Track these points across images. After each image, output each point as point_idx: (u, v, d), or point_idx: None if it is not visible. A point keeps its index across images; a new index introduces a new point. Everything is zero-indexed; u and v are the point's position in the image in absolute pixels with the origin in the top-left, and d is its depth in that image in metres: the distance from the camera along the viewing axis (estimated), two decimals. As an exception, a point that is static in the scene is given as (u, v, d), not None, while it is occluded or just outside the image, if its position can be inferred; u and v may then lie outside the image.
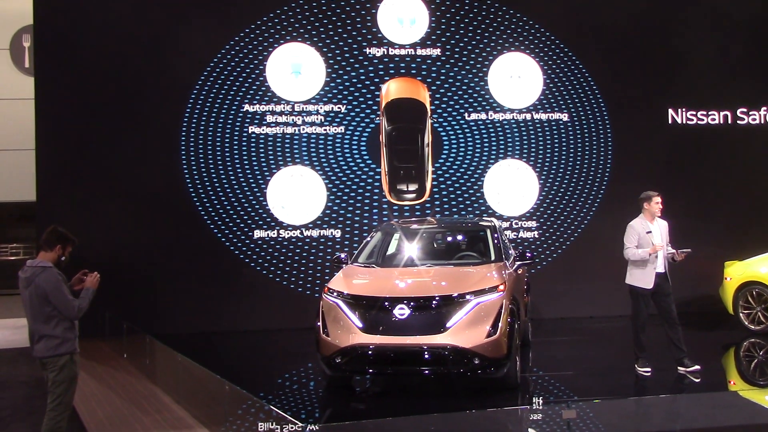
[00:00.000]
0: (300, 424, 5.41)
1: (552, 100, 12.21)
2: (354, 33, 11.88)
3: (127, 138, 11.30)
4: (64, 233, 5.49)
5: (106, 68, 11.34)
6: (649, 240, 7.77)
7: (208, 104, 11.49)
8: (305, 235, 11.59)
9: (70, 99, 11.26)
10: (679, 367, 7.79)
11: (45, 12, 11.32)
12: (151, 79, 11.44)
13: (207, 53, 11.53)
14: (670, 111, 12.49)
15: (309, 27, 11.79)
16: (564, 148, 12.17)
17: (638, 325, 7.94)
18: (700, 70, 12.59)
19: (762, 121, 12.72)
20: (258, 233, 11.47)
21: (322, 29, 11.81)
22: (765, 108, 12.74)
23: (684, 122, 12.53)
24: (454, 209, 11.88)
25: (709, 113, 12.60)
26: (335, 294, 7.21)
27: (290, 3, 11.76)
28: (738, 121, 12.67)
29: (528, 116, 12.14)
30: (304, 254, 11.57)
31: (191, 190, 11.34)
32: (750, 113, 12.71)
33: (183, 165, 11.35)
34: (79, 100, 11.27)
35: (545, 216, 12.06)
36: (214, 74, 11.52)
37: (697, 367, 7.70)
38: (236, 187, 11.46)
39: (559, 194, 12.12)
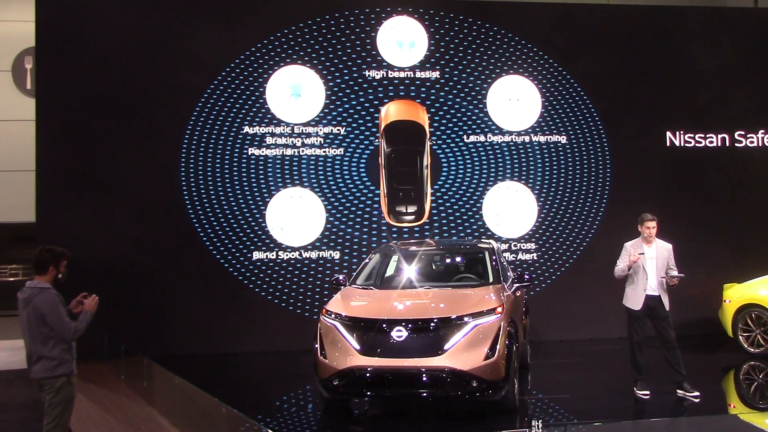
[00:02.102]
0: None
1: (550, 123, 12.27)
2: (354, 56, 11.97)
3: (126, 159, 11.34)
4: (52, 251, 5.46)
5: (106, 90, 11.41)
6: (638, 262, 7.80)
7: (208, 126, 11.54)
8: (304, 256, 11.59)
9: (71, 120, 11.31)
10: (678, 390, 7.76)
11: (47, 34, 11.41)
12: (150, 102, 11.51)
13: (207, 75, 11.61)
14: (668, 133, 12.55)
15: (309, 49, 11.88)
16: (562, 171, 12.22)
17: (632, 345, 7.98)
18: (698, 93, 12.67)
19: (760, 144, 12.77)
20: (257, 255, 11.48)
21: (322, 52, 11.90)
22: (763, 131, 12.80)
23: (682, 144, 12.58)
24: (453, 231, 11.89)
25: (707, 136, 12.65)
26: (333, 316, 7.20)
27: (290, 26, 11.85)
28: (736, 144, 12.72)
29: (526, 138, 12.20)
30: (303, 276, 11.56)
31: (190, 211, 11.37)
32: (748, 136, 12.76)
33: (182, 186, 11.39)
34: (80, 121, 11.32)
35: (544, 238, 12.07)
36: (215, 96, 11.59)
37: (697, 393, 7.66)
38: (235, 208, 11.48)
39: (558, 216, 12.14)
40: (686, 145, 12.59)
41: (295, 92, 11.83)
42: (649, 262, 7.83)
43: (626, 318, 8.06)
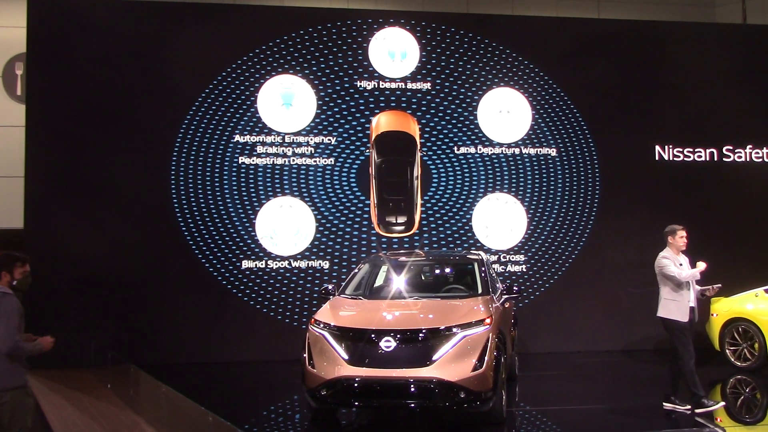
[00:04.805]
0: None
1: (540, 135, 12.33)
2: (345, 66, 12.01)
3: (116, 167, 11.33)
4: (6, 256, 5.29)
5: (97, 97, 11.41)
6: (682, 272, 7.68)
7: (199, 134, 11.55)
8: (293, 266, 11.58)
9: (61, 127, 11.31)
10: (666, 403, 7.75)
11: (38, 40, 11.41)
12: (141, 110, 11.51)
13: (199, 83, 11.62)
14: (657, 147, 12.63)
15: (301, 59, 11.91)
16: (552, 183, 12.27)
17: (689, 361, 7.57)
18: (687, 108, 12.76)
19: (747, 159, 12.87)
20: (246, 263, 11.46)
21: (313, 62, 11.93)
22: (751, 146, 12.90)
23: (671, 159, 12.66)
24: (443, 242, 11.91)
25: (696, 150, 12.74)
26: (321, 325, 7.18)
27: (282, 36, 11.89)
28: (724, 159, 12.82)
29: (516, 151, 12.25)
30: (292, 285, 11.55)
31: (180, 219, 11.35)
32: (736, 151, 12.86)
33: (173, 194, 11.37)
34: (70, 127, 11.32)
35: (533, 250, 12.11)
36: (206, 104, 11.60)
37: (689, 406, 7.65)
38: (225, 217, 11.47)
39: (547, 229, 12.18)
40: (675, 159, 12.68)
41: (287, 102, 11.86)
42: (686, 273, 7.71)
43: (670, 333, 7.70)
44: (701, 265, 7.68)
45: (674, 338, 7.70)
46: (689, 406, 7.63)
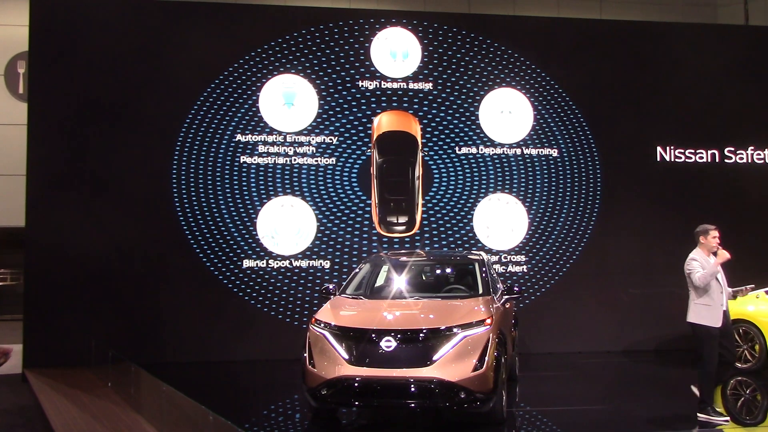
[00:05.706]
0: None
1: (542, 136, 12.33)
2: (347, 66, 12.01)
3: (118, 165, 11.33)
4: None
5: (98, 96, 11.42)
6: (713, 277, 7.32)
7: (201, 133, 11.55)
8: (294, 265, 11.59)
9: (63, 125, 11.32)
10: (699, 414, 7.37)
11: (40, 39, 11.41)
12: (143, 108, 11.51)
13: (201, 82, 11.63)
14: (659, 148, 12.63)
15: (303, 59, 11.92)
16: (553, 184, 12.27)
17: (712, 368, 7.19)
18: (689, 109, 12.76)
19: (749, 160, 12.86)
20: (247, 263, 11.47)
21: (315, 61, 11.94)
22: (752, 147, 12.89)
23: (672, 159, 12.66)
24: (444, 242, 11.92)
25: (697, 151, 12.74)
26: (322, 325, 7.18)
27: (284, 35, 11.89)
28: (725, 160, 12.81)
29: (518, 151, 12.25)
30: (293, 285, 11.56)
31: (181, 218, 11.35)
32: (737, 152, 12.85)
33: (174, 193, 11.38)
34: (72, 126, 11.33)
35: (534, 250, 12.11)
36: (208, 103, 11.61)
37: (727, 418, 7.43)
38: (226, 216, 11.48)
39: (548, 229, 12.18)
40: (676, 159, 12.67)
41: (288, 101, 11.86)
42: (720, 275, 7.41)
43: (698, 338, 7.29)
44: (724, 254, 7.28)
45: (703, 344, 7.25)
46: (727, 418, 7.29)
